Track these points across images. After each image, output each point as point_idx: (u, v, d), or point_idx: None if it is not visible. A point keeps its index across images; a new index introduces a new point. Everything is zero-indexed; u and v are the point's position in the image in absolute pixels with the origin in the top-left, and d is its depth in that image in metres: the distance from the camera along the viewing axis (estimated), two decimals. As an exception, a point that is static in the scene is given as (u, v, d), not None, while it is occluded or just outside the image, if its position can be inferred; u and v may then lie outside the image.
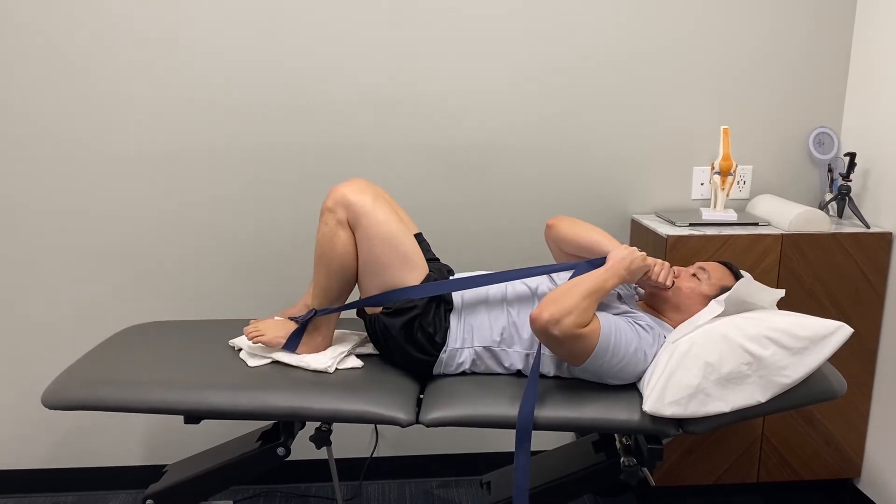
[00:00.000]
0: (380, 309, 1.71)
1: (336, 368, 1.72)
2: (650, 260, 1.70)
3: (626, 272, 1.64)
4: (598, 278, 1.59)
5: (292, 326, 1.76)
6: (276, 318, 1.85)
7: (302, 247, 2.35)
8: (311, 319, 1.73)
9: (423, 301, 1.69)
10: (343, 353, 1.77)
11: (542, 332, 1.51)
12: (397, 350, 1.72)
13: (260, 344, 1.75)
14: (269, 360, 1.74)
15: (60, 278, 2.32)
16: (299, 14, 2.21)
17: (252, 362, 1.73)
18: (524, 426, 1.52)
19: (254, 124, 2.27)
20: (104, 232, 2.30)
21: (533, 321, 1.52)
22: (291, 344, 1.74)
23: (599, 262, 1.68)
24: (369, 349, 1.85)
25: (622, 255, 1.65)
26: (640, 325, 1.63)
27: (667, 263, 1.72)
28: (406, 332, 1.69)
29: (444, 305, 1.73)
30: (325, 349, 1.77)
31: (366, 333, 1.87)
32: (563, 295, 1.53)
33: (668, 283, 1.70)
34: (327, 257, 1.69)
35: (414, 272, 1.70)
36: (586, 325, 1.52)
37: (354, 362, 1.77)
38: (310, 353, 1.75)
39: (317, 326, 1.75)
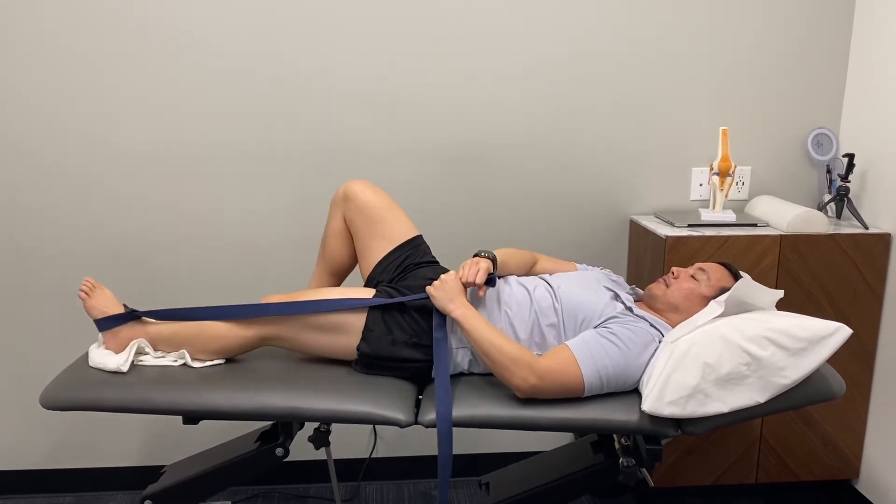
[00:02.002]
0: (355, 354, 1.71)
1: (132, 365, 1.69)
2: (451, 274, 1.67)
3: (459, 297, 1.63)
4: (472, 324, 1.60)
5: (119, 310, 1.75)
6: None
7: (302, 247, 2.35)
8: (137, 317, 1.74)
9: (384, 327, 1.69)
10: (138, 348, 1.73)
11: (533, 395, 1.56)
12: (391, 369, 1.72)
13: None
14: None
15: (60, 278, 2.31)
16: (299, 14, 2.21)
17: (92, 358, 1.71)
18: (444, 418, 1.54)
19: (254, 124, 2.27)
20: (104, 232, 2.30)
21: (524, 396, 1.56)
22: (103, 323, 1.73)
23: (440, 317, 1.68)
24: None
25: (442, 297, 1.64)
26: (627, 329, 1.62)
27: (475, 260, 1.69)
28: (390, 357, 1.70)
29: (413, 309, 1.72)
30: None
31: None
32: (499, 366, 1.56)
33: (478, 279, 1.65)
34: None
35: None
36: (540, 355, 1.57)
37: (166, 359, 1.74)
38: (113, 346, 1.73)
39: (143, 327, 1.74)
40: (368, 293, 1.76)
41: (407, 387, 1.70)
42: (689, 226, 2.22)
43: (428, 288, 1.67)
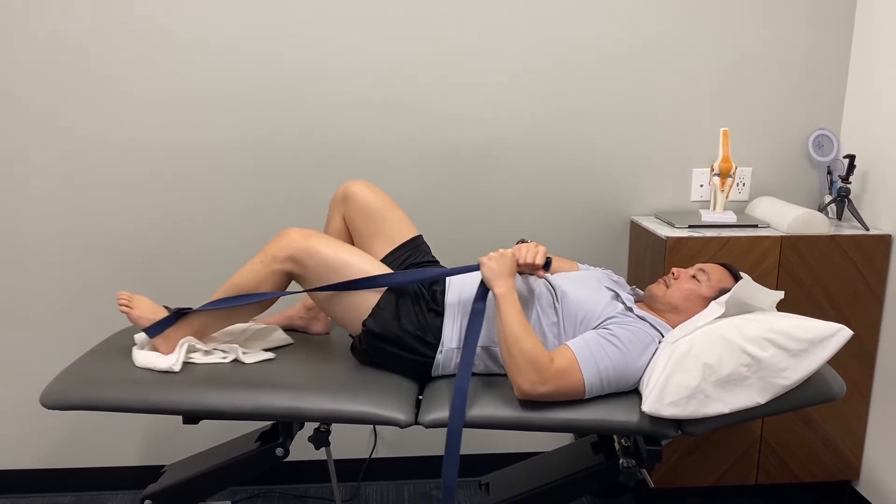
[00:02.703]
0: (360, 328, 1.71)
1: (184, 364, 1.70)
2: (514, 248, 1.68)
3: (508, 278, 1.63)
4: (508, 311, 1.58)
5: (162, 313, 1.75)
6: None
7: (301, 247, 2.35)
8: (185, 315, 1.73)
9: (394, 307, 1.69)
10: (190, 346, 1.74)
11: (539, 397, 1.54)
12: (392, 360, 1.72)
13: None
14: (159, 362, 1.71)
15: (60, 278, 2.31)
16: (300, 12, 2.21)
17: (138, 359, 1.71)
18: (454, 429, 1.53)
19: (254, 123, 2.27)
20: (104, 231, 2.30)
21: (523, 398, 1.55)
22: (153, 330, 1.72)
23: (481, 289, 1.68)
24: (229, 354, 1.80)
25: (492, 272, 1.63)
26: (627, 330, 1.61)
27: (533, 243, 1.70)
28: (394, 342, 1.69)
29: (424, 304, 1.73)
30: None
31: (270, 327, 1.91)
32: (513, 360, 1.54)
33: (538, 260, 1.67)
34: (242, 290, 1.72)
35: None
36: (553, 359, 1.54)
37: (214, 357, 1.75)
38: (164, 349, 1.73)
39: (188, 325, 1.74)
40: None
41: (407, 386, 1.70)
42: (690, 227, 2.22)
43: (481, 258, 1.67)
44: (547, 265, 1.70)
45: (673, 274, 1.79)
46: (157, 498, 1.80)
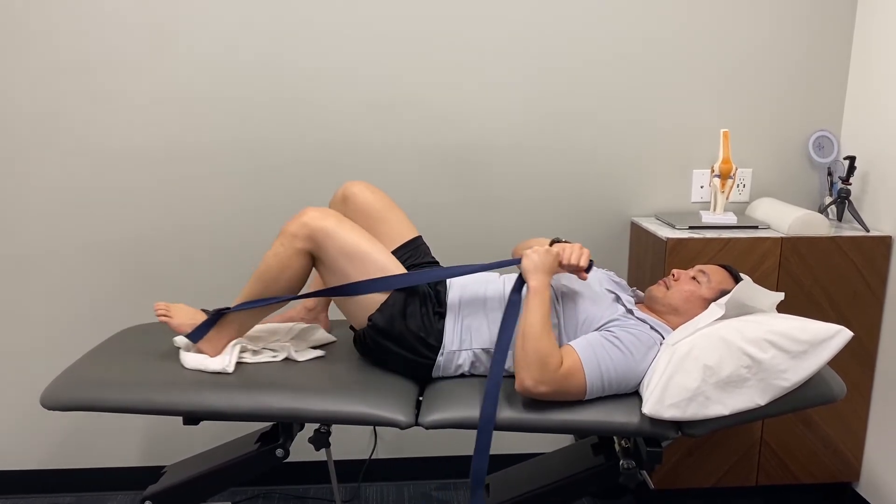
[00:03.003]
0: (366, 322, 1.71)
1: (236, 364, 1.71)
2: (558, 247, 1.68)
3: (547, 276, 1.63)
4: (536, 306, 1.58)
5: (201, 317, 1.75)
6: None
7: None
8: (223, 316, 1.72)
9: (402, 304, 1.69)
10: (242, 346, 1.75)
11: (538, 395, 1.54)
12: (393, 358, 1.72)
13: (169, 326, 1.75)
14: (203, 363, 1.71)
15: (60, 278, 2.32)
16: (300, 13, 2.21)
17: (188, 362, 1.72)
18: (478, 475, 1.54)
19: (254, 124, 2.27)
20: (104, 232, 2.30)
21: (521, 393, 1.54)
22: (196, 334, 1.72)
23: (517, 261, 1.69)
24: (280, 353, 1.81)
25: (532, 267, 1.64)
26: (630, 334, 1.61)
27: (577, 245, 1.70)
28: (397, 340, 1.69)
29: (431, 307, 1.73)
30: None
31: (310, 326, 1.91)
32: (525, 352, 1.54)
33: (583, 262, 1.67)
34: (272, 276, 1.68)
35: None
36: (562, 362, 1.53)
37: (264, 356, 1.77)
38: (209, 350, 1.73)
39: (227, 325, 1.74)
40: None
41: (408, 387, 1.69)
42: (690, 228, 2.22)
43: (527, 251, 1.67)
44: (589, 267, 1.70)
45: (673, 275, 1.79)
46: (158, 499, 1.80)
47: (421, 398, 1.68)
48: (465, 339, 1.70)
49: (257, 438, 1.82)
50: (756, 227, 2.25)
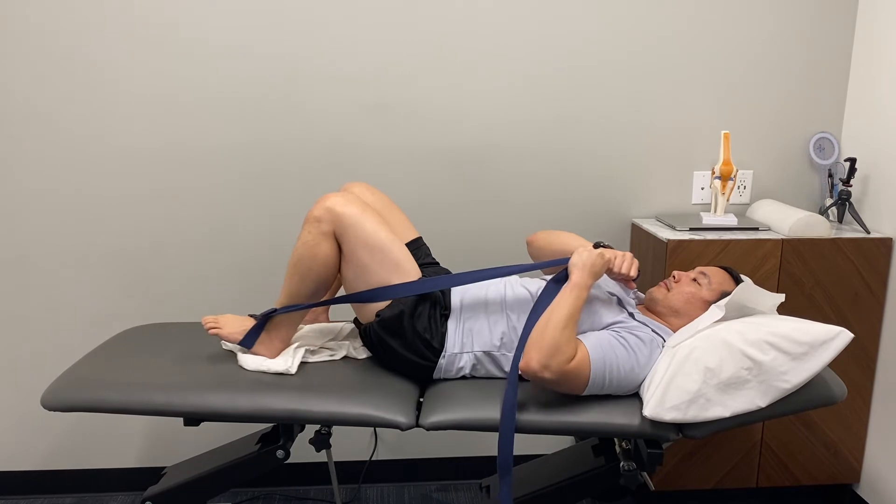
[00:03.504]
0: (374, 318, 1.71)
1: (298, 365, 1.72)
2: (610, 253, 1.69)
3: (592, 278, 1.63)
4: (569, 301, 1.57)
5: (250, 323, 1.75)
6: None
7: (302, 249, 2.35)
8: (271, 318, 1.73)
9: (411, 304, 1.69)
10: (306, 349, 1.77)
11: (536, 379, 1.52)
12: (396, 358, 1.72)
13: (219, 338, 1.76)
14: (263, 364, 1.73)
15: (60, 279, 2.32)
16: (300, 14, 2.21)
17: (249, 364, 1.73)
18: (505, 459, 1.51)
19: (255, 125, 2.27)
20: (104, 233, 2.30)
21: (524, 372, 1.52)
22: (248, 340, 1.73)
23: (564, 261, 1.68)
24: (348, 349, 1.84)
25: (581, 264, 1.63)
26: (636, 336, 1.61)
27: (628, 254, 1.71)
28: (402, 340, 1.69)
29: (439, 310, 1.73)
30: (281, 351, 1.76)
31: (346, 326, 1.90)
32: (541, 336, 1.52)
33: (633, 273, 1.69)
34: (305, 265, 1.67)
35: (406, 279, 1.69)
36: (574, 357, 1.52)
37: (322, 355, 1.79)
38: (265, 353, 1.74)
39: (276, 327, 1.74)
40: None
41: (408, 388, 1.70)
42: (691, 229, 2.22)
43: (581, 249, 1.66)
44: (636, 277, 1.71)
45: (674, 277, 1.79)
46: (158, 500, 1.80)
47: (421, 399, 1.68)
48: (466, 341, 1.70)
49: (258, 439, 1.82)
50: (757, 229, 2.25)
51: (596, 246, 1.73)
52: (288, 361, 1.71)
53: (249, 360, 1.72)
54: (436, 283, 1.70)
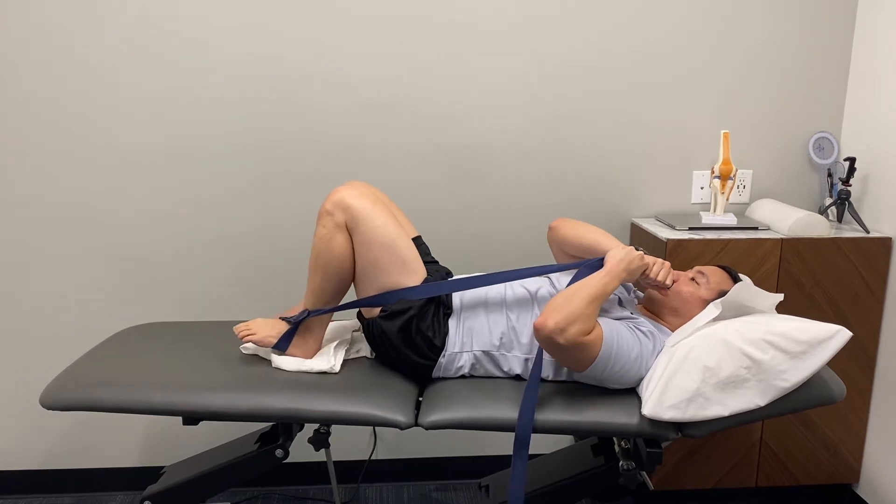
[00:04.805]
0: (377, 312, 1.71)
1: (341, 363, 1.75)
2: (649, 258, 1.69)
3: (626, 273, 1.64)
4: (600, 283, 1.58)
5: (283, 326, 1.76)
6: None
7: (303, 248, 2.35)
8: (304, 320, 1.73)
9: (419, 304, 1.69)
10: (343, 346, 1.80)
11: (547, 340, 1.50)
12: (396, 354, 1.72)
13: (251, 344, 1.77)
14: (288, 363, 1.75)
15: (60, 278, 2.32)
16: (301, 14, 2.21)
17: (287, 365, 1.74)
18: (523, 433, 1.51)
19: (255, 125, 2.27)
20: (104, 231, 2.30)
21: (537, 330, 1.50)
22: (282, 343, 1.73)
23: (597, 263, 1.68)
24: (362, 349, 1.86)
25: (620, 257, 1.65)
26: (641, 331, 1.62)
27: (667, 263, 1.72)
28: (404, 335, 1.69)
29: (442, 309, 1.73)
30: (315, 351, 1.77)
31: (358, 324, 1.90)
32: (565, 302, 1.52)
33: (668, 282, 1.70)
34: (324, 259, 1.68)
35: (412, 276, 1.70)
36: (590, 332, 1.52)
37: (358, 352, 1.82)
38: (300, 354, 1.75)
39: (309, 328, 1.75)
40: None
41: (407, 388, 1.70)
42: (690, 229, 2.22)
43: (621, 245, 1.68)
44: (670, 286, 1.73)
45: (673, 275, 1.79)
46: (157, 499, 1.80)
47: (420, 398, 1.68)
48: (465, 341, 1.70)
49: (257, 439, 1.82)
50: (756, 229, 2.25)
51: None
52: (330, 360, 1.72)
53: (287, 363, 1.73)
54: (442, 287, 1.70)
